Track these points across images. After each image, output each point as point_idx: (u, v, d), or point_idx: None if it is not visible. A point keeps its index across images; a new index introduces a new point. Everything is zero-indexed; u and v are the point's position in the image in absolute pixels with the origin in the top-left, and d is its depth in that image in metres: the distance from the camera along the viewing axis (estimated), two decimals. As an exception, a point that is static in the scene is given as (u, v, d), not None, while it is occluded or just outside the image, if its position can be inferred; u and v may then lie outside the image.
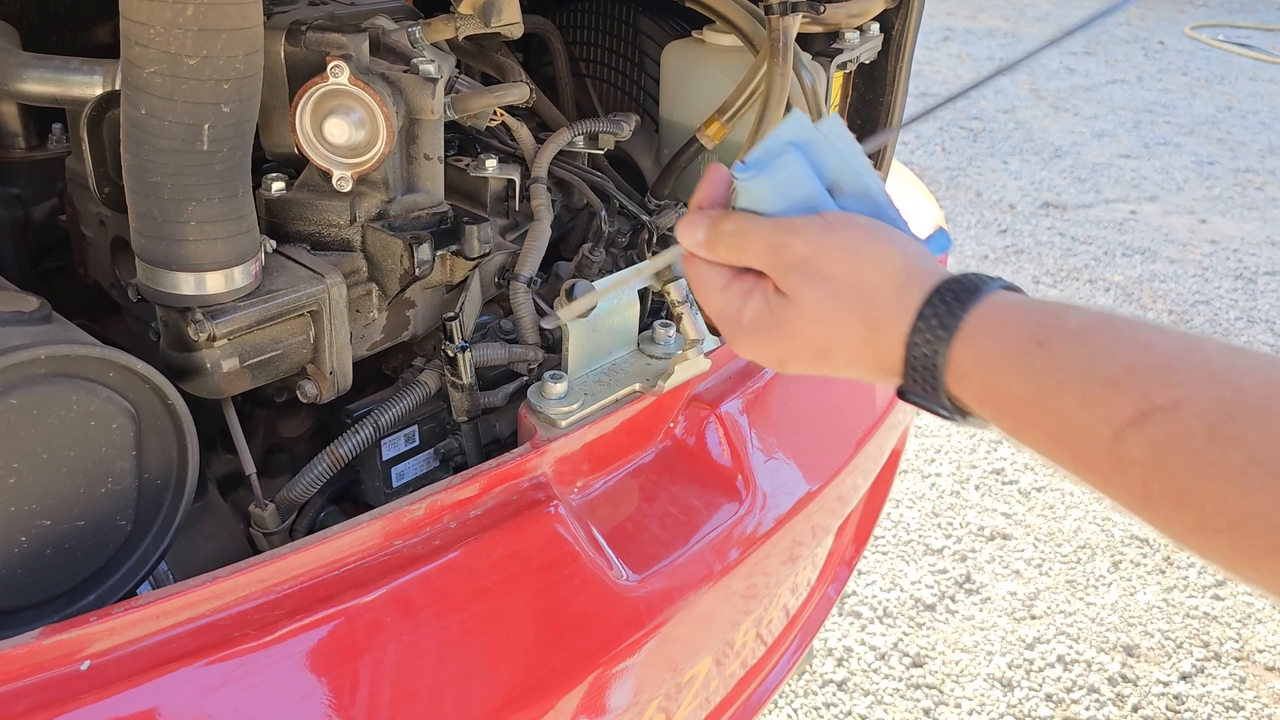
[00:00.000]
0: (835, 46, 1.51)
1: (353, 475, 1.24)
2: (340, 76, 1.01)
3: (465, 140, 1.38)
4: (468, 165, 1.25)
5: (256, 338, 1.01)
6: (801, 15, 1.31)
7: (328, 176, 1.06)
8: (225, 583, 0.89)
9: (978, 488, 3.14)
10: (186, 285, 0.95)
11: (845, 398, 1.51)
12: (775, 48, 1.33)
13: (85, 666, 0.82)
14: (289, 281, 1.02)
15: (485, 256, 1.16)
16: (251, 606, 0.91)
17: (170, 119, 0.88)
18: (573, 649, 1.03)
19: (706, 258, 0.83)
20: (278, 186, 1.09)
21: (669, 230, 1.46)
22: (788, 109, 1.40)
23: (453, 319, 1.11)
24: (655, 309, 1.40)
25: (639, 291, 1.23)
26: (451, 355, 1.12)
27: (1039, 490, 3.14)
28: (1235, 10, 10.01)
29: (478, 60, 1.49)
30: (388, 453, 1.21)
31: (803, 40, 1.41)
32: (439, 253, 1.11)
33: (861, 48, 1.54)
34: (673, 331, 1.25)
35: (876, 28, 1.59)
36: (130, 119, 0.90)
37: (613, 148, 1.47)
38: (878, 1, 1.53)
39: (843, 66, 1.52)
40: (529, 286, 1.25)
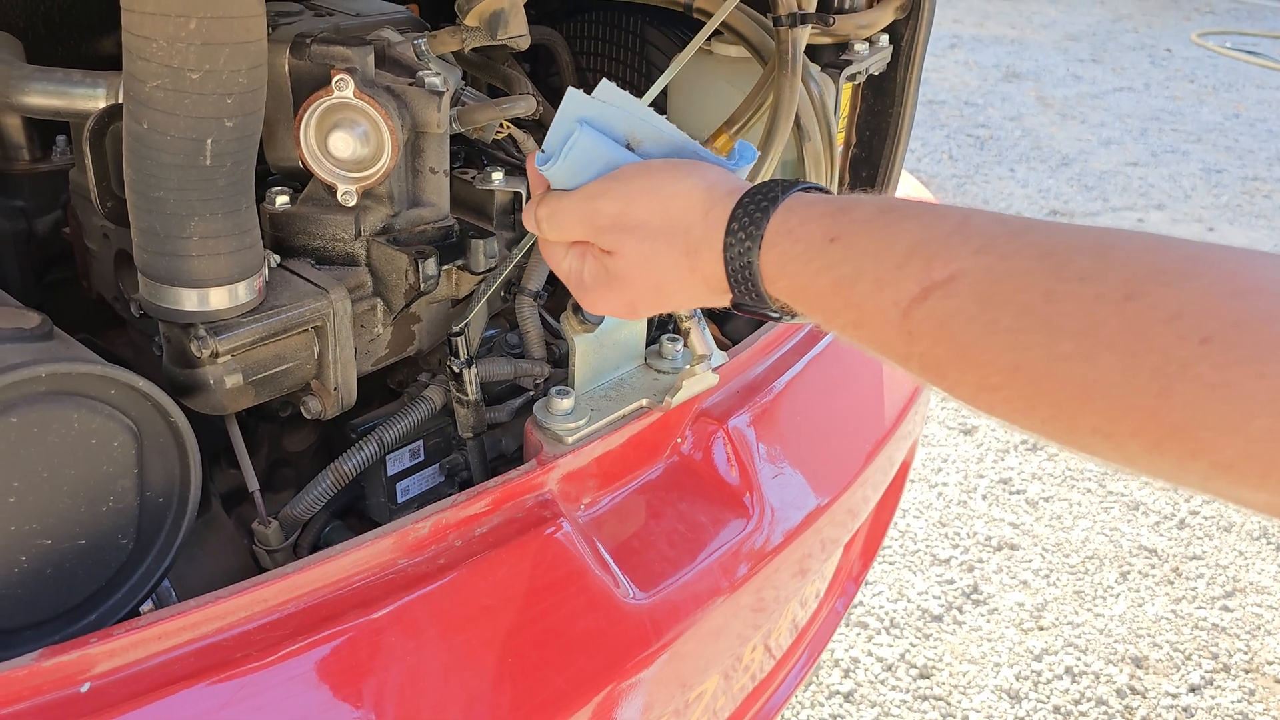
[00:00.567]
0: (844, 58, 1.50)
1: (357, 490, 1.23)
2: (345, 90, 1.00)
3: (471, 152, 1.37)
4: (473, 178, 1.24)
5: (260, 354, 1.00)
6: (811, 27, 1.30)
7: (332, 191, 1.05)
8: (228, 602, 0.88)
9: (985, 497, 3.12)
10: (189, 301, 0.95)
11: (855, 410, 1.50)
12: (784, 59, 1.32)
13: (86, 688, 0.82)
14: (293, 297, 1.01)
15: (491, 271, 1.15)
16: (255, 626, 0.90)
17: (173, 134, 0.88)
18: (579, 668, 1.01)
19: (544, 238, 0.92)
20: (282, 200, 1.08)
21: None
22: (781, 125, 1.39)
23: (458, 335, 1.10)
24: (662, 323, 1.39)
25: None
26: (457, 371, 1.11)
27: (1046, 500, 3.12)
28: (1242, 17, 9.99)
29: (484, 72, 1.48)
30: (392, 468, 1.20)
31: (811, 51, 1.40)
32: (444, 267, 1.10)
33: (871, 59, 1.53)
34: (680, 346, 1.24)
35: (886, 39, 1.58)
36: (133, 133, 0.89)
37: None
38: (887, 12, 1.52)
39: (852, 78, 1.51)
40: (535, 300, 1.24)
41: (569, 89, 0.87)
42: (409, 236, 1.11)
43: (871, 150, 1.65)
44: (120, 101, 1.02)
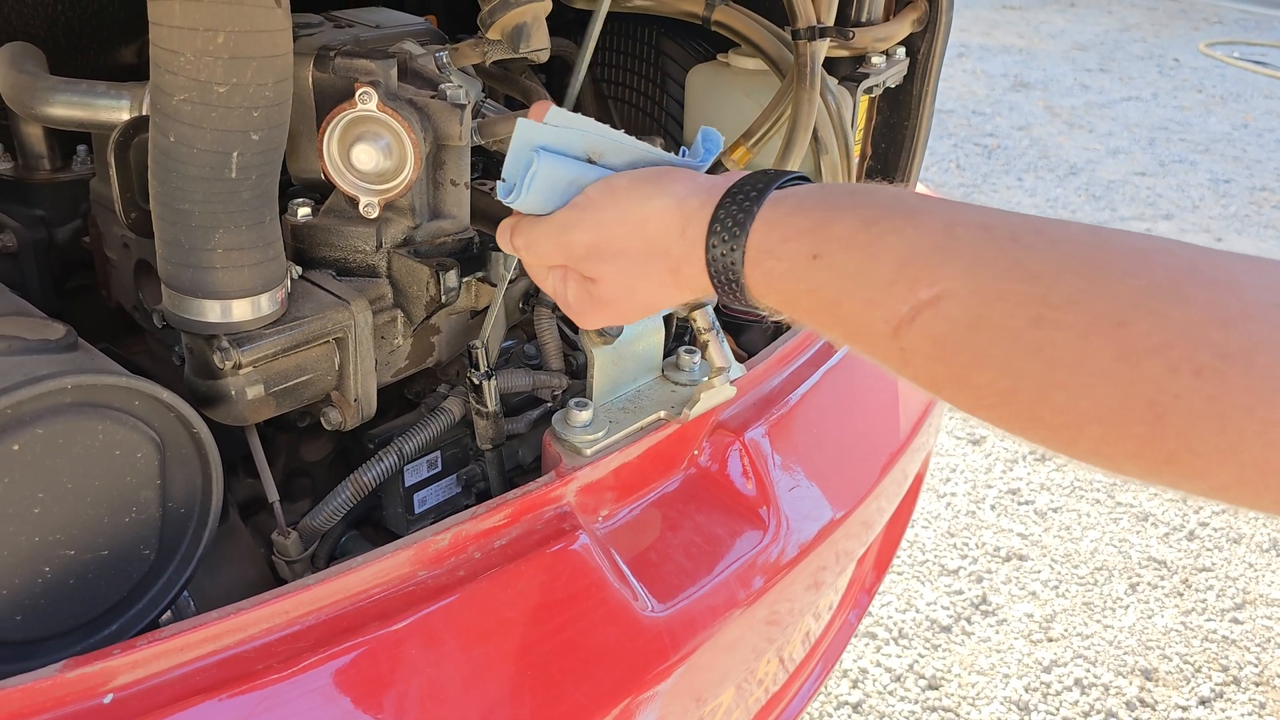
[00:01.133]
0: (861, 71, 1.50)
1: (373, 501, 1.23)
2: (369, 103, 1.01)
3: (489, 164, 1.37)
4: (492, 190, 1.24)
5: (282, 365, 1.00)
6: (830, 41, 1.30)
7: (354, 203, 1.06)
8: (250, 614, 0.88)
9: (993, 508, 3.12)
10: (213, 313, 0.95)
11: (870, 422, 1.50)
12: (802, 72, 1.32)
13: (109, 699, 0.82)
14: (315, 308, 1.02)
15: (511, 282, 1.15)
16: (276, 639, 0.90)
17: (199, 146, 0.88)
18: (598, 681, 1.01)
19: (524, 262, 0.94)
20: (304, 212, 1.08)
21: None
22: (799, 138, 1.39)
23: (478, 347, 1.10)
24: (679, 335, 1.40)
25: (663, 318, 1.22)
26: (477, 383, 1.12)
27: (1055, 511, 3.12)
28: (1251, 28, 9.99)
29: (503, 84, 1.48)
30: (410, 479, 1.20)
31: (829, 64, 1.40)
32: (464, 279, 1.10)
33: (887, 72, 1.53)
34: (697, 358, 1.24)
35: (902, 52, 1.58)
36: (159, 146, 0.89)
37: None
38: (904, 25, 1.52)
39: (869, 91, 1.51)
40: (553, 311, 1.24)
41: (518, 119, 0.87)
42: (430, 248, 1.11)
43: (887, 162, 1.65)
44: (145, 113, 1.02)
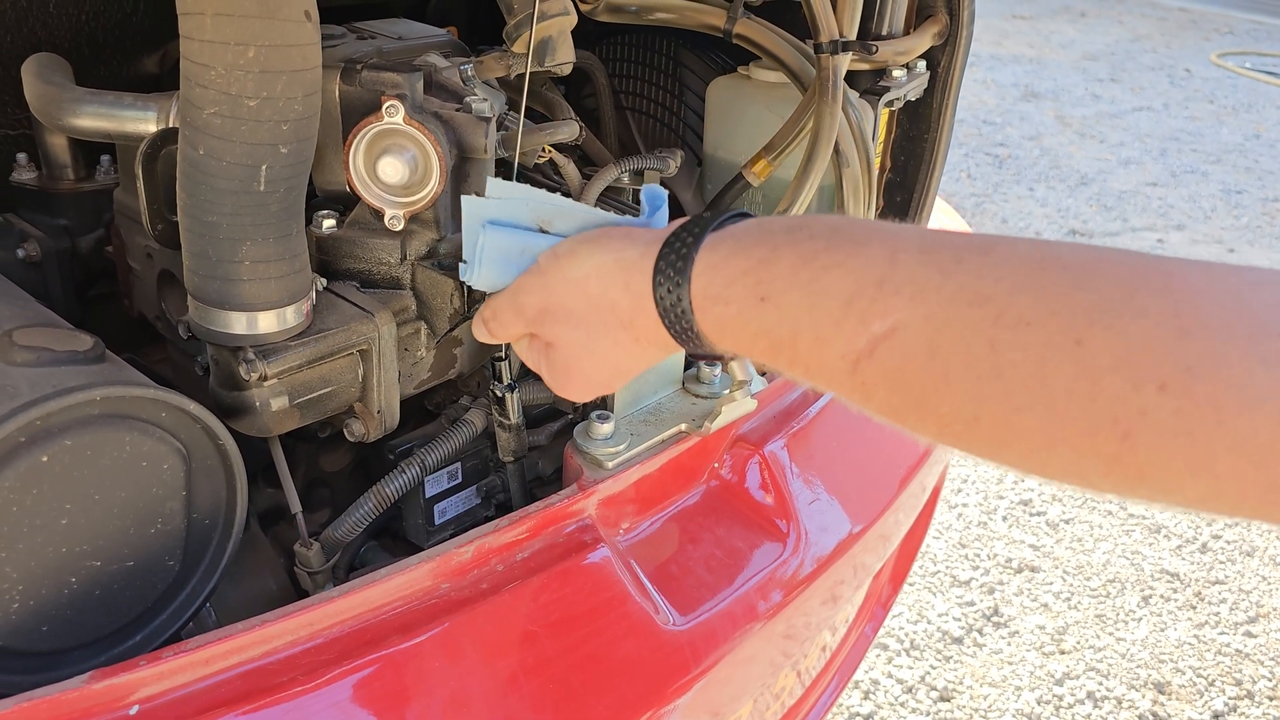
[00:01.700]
0: (882, 84, 1.50)
1: (394, 511, 1.23)
2: (395, 116, 1.01)
3: (511, 176, 1.37)
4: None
5: (306, 376, 1.01)
6: (852, 54, 1.30)
7: (379, 215, 1.06)
8: (274, 626, 0.88)
9: (1005, 519, 3.11)
10: (239, 324, 0.95)
11: (888, 436, 1.49)
12: (824, 86, 1.33)
13: (134, 711, 0.82)
14: (339, 320, 1.02)
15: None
16: (300, 650, 0.90)
17: (229, 159, 0.88)
18: (620, 694, 1.01)
19: (496, 340, 0.97)
20: (328, 224, 1.08)
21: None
22: (821, 151, 1.39)
23: (501, 359, 1.10)
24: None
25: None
26: (500, 395, 1.12)
27: (1067, 522, 3.11)
28: (1262, 38, 9.98)
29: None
30: (430, 490, 1.20)
31: (849, 78, 1.40)
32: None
33: (908, 85, 1.53)
34: (718, 371, 1.24)
35: (923, 65, 1.58)
36: (188, 159, 0.90)
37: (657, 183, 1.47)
38: (925, 39, 1.52)
39: (890, 104, 1.51)
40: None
41: (462, 197, 0.90)
42: (453, 260, 1.11)
43: (906, 175, 1.65)
44: (171, 125, 1.03)
